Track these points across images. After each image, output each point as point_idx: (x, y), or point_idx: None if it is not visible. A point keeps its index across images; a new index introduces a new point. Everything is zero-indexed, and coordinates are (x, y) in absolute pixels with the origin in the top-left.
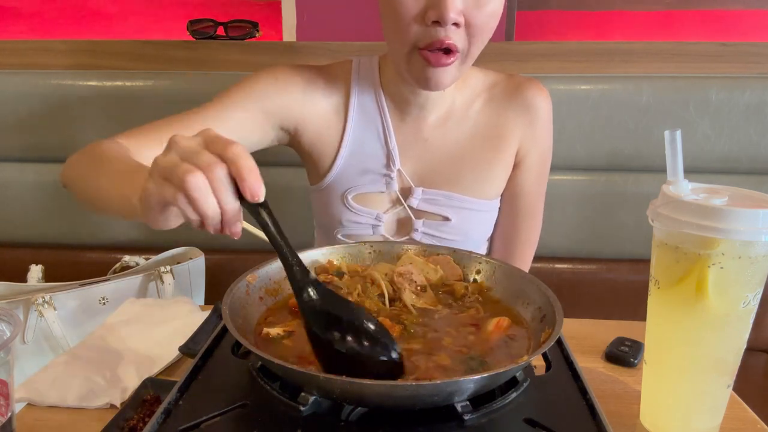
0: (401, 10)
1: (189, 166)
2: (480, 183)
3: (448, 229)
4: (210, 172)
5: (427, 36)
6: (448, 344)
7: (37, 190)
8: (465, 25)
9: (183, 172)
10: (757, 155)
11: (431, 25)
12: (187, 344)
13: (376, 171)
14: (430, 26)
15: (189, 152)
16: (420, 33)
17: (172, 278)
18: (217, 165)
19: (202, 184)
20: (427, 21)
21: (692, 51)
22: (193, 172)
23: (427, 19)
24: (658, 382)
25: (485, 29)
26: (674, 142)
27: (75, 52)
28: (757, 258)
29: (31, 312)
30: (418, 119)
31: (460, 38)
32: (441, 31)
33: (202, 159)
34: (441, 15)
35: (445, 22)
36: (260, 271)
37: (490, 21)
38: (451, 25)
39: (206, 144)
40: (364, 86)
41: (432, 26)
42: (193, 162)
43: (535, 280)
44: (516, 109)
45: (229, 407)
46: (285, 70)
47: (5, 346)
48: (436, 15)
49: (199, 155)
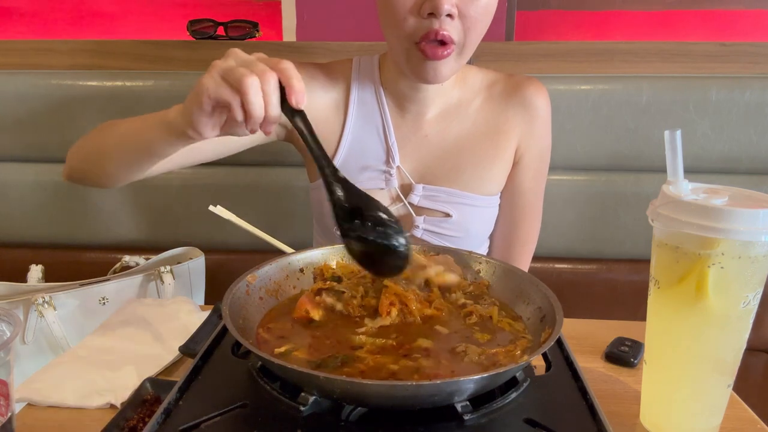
0: (397, 3)
1: (245, 70)
2: (480, 179)
3: (449, 225)
4: (263, 77)
5: (422, 28)
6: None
7: (37, 190)
8: (459, 16)
9: (241, 74)
10: (757, 155)
11: (426, 17)
12: (187, 344)
13: (375, 167)
14: (426, 18)
15: (246, 60)
16: (416, 25)
17: (172, 278)
18: (270, 72)
19: (255, 85)
20: (423, 13)
21: (692, 51)
22: (250, 75)
23: (422, 11)
24: (658, 382)
25: (480, 21)
26: (674, 142)
27: (75, 52)
28: (757, 258)
29: (31, 312)
30: (417, 116)
31: (455, 30)
32: (436, 22)
33: (257, 67)
34: (435, 6)
35: (440, 14)
36: (260, 271)
37: (485, 13)
38: (445, 16)
39: (260, 58)
40: (364, 83)
41: (427, 18)
42: (250, 68)
43: (535, 280)
44: (515, 107)
45: (229, 407)
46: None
47: (5, 346)
48: (430, 6)
49: (254, 64)
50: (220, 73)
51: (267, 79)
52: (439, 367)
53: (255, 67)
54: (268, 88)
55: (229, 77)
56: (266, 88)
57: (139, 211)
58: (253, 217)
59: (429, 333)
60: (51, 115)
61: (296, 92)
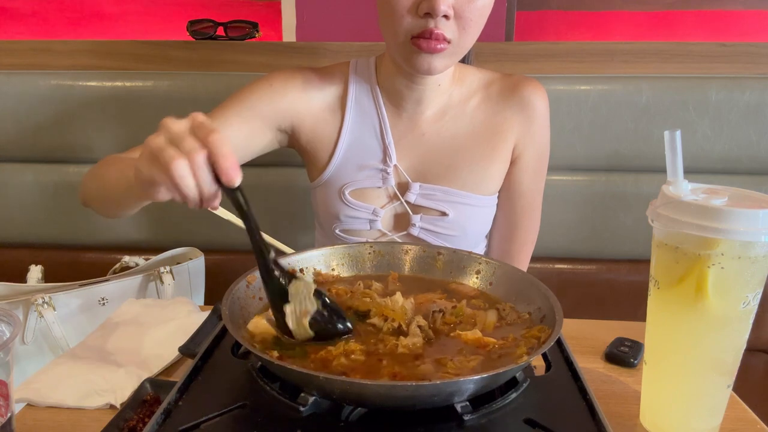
0: (396, 3)
1: (174, 152)
2: (477, 178)
3: (445, 224)
4: (192, 158)
5: (418, 26)
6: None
7: (37, 190)
8: (455, 16)
9: (169, 157)
10: (757, 155)
11: (423, 16)
12: (187, 344)
13: (372, 166)
14: (423, 17)
15: (176, 137)
16: (413, 24)
17: (172, 278)
18: (199, 152)
19: (184, 169)
20: (420, 13)
21: (692, 51)
22: (177, 158)
23: (420, 11)
24: (658, 383)
25: (475, 21)
26: (674, 142)
27: (75, 53)
28: (757, 258)
29: (31, 312)
30: (414, 115)
31: (450, 29)
32: (431, 21)
33: (185, 145)
34: (432, 7)
35: (436, 14)
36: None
37: (480, 15)
38: (441, 17)
39: (192, 129)
40: (361, 83)
41: (424, 17)
42: (179, 147)
43: (535, 281)
44: (513, 107)
45: (229, 407)
46: (280, 75)
47: (5, 347)
48: (427, 7)
49: (184, 141)
50: (149, 155)
51: (195, 161)
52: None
53: (183, 145)
54: (199, 171)
55: (159, 160)
56: (197, 171)
57: (139, 212)
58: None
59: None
60: (51, 115)
61: (225, 172)
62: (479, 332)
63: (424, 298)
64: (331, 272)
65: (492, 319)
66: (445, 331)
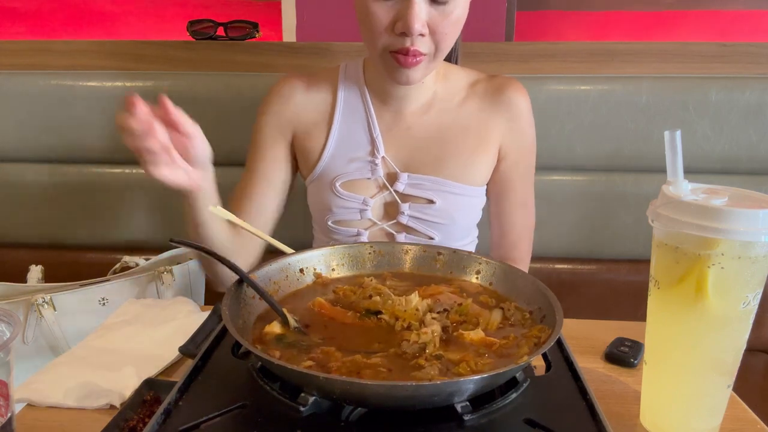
0: (374, 21)
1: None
2: (463, 168)
3: (433, 212)
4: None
5: (395, 43)
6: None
7: (37, 190)
8: (430, 32)
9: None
10: (756, 155)
11: (400, 35)
12: (187, 345)
13: (362, 158)
14: (399, 36)
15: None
16: (390, 40)
17: (172, 279)
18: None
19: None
20: (396, 31)
21: (692, 51)
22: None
23: (396, 29)
24: (658, 383)
25: (451, 34)
26: (674, 143)
27: (75, 53)
28: (757, 258)
29: (31, 312)
30: (400, 109)
31: (426, 45)
32: (408, 40)
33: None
34: (407, 27)
35: (411, 34)
36: (260, 271)
37: (455, 27)
38: (417, 35)
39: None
40: (350, 84)
41: (401, 36)
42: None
43: (535, 280)
44: (497, 106)
45: (229, 408)
46: (283, 84)
47: (5, 347)
48: (402, 27)
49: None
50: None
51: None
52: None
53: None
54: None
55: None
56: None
57: (139, 212)
58: None
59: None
60: (51, 116)
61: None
62: (482, 332)
63: (435, 290)
64: (331, 272)
65: (496, 318)
66: (449, 330)
